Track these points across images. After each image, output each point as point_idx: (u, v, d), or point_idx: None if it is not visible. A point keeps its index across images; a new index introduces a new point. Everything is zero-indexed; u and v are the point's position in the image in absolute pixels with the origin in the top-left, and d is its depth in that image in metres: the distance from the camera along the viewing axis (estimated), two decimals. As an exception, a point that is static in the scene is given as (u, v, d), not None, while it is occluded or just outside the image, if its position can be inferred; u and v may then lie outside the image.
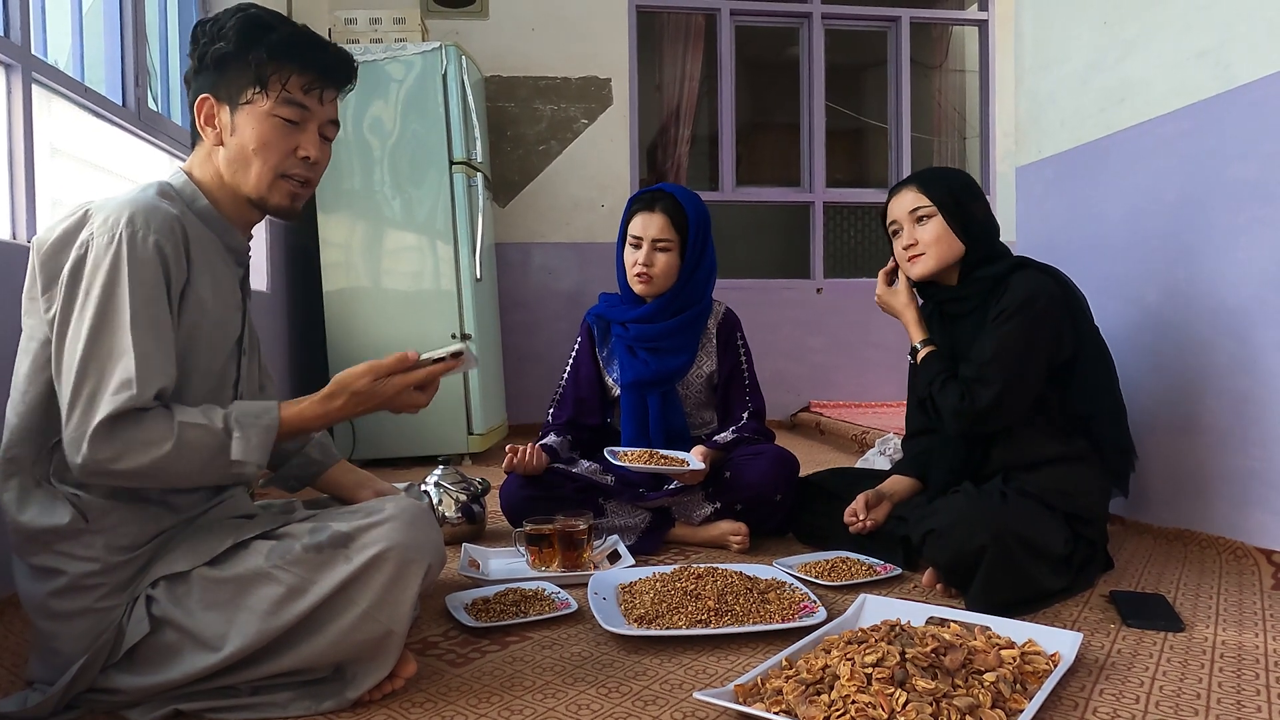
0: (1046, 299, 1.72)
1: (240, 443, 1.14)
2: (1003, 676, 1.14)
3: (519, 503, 2.04)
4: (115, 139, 2.60)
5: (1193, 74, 2.03)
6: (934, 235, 1.80)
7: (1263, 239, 1.85)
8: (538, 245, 4.58)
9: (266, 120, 1.23)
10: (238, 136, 1.24)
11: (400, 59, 3.46)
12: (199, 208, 1.26)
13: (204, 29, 1.25)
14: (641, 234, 2.12)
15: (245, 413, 1.17)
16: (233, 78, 1.23)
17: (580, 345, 2.29)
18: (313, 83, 1.25)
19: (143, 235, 1.12)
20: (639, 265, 2.12)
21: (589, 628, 1.51)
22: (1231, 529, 1.94)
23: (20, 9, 2.00)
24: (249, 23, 1.22)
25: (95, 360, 1.09)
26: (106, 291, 1.10)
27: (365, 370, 1.22)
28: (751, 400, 2.24)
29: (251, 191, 1.26)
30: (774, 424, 4.71)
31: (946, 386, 1.76)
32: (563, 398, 2.28)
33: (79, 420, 1.08)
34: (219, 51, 1.22)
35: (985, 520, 1.55)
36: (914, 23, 5.05)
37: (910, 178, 1.88)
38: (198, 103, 1.25)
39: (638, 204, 2.16)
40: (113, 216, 1.13)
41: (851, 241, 6.98)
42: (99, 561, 1.15)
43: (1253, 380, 1.89)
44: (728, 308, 2.30)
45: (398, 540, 1.15)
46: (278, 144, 1.24)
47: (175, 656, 1.14)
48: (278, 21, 1.25)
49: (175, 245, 1.16)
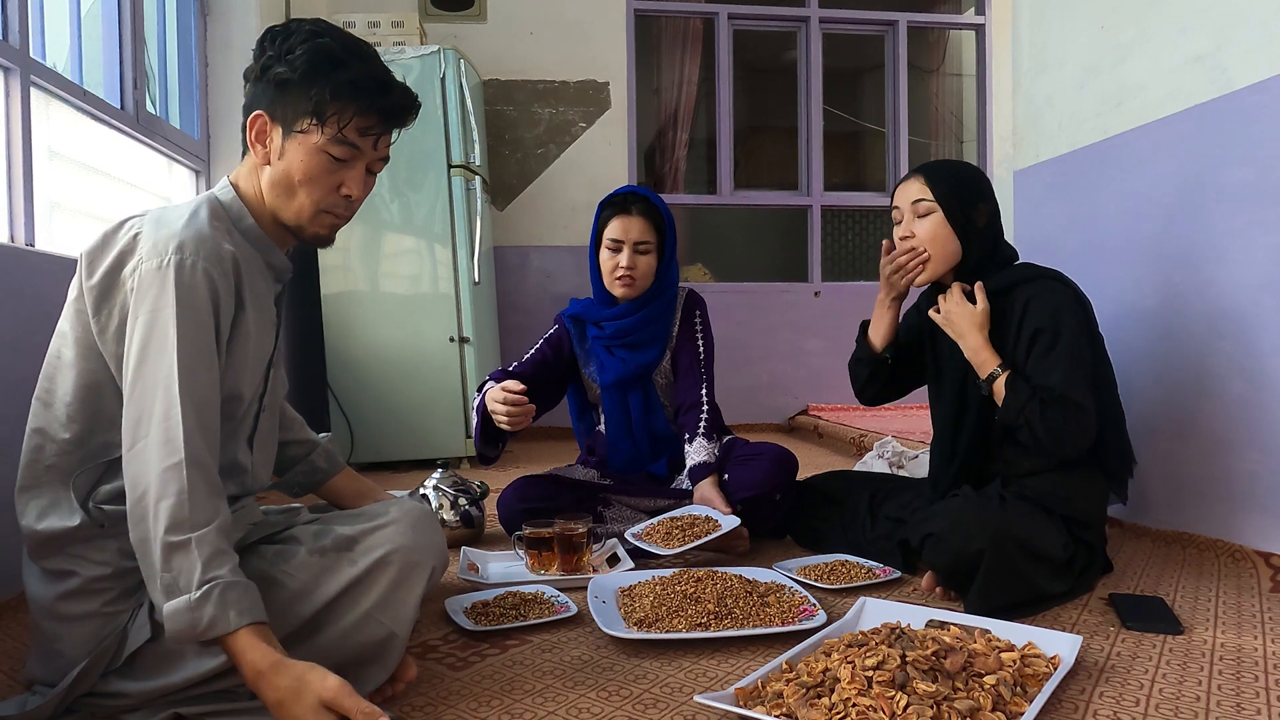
0: (1073, 304, 1.70)
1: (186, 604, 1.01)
2: (1003, 679, 1.14)
3: (517, 517, 2.03)
4: (113, 142, 2.60)
5: (1190, 78, 2.04)
6: (930, 233, 1.77)
7: (1260, 242, 1.86)
8: (536, 248, 4.58)
9: (316, 155, 1.20)
10: (285, 162, 1.21)
11: (399, 62, 3.46)
12: (245, 227, 1.24)
13: (273, 42, 1.20)
14: (622, 237, 2.10)
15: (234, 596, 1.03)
16: (291, 103, 1.19)
17: (557, 332, 2.26)
18: (371, 126, 1.22)
19: (191, 264, 1.10)
20: (621, 269, 2.10)
21: (588, 631, 1.51)
22: (1230, 532, 1.95)
23: (19, 12, 2.00)
24: (319, 55, 1.17)
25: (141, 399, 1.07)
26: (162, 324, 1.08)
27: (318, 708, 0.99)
28: (707, 394, 2.18)
29: (290, 220, 1.24)
30: (771, 427, 4.73)
31: (1048, 410, 1.62)
32: (519, 366, 2.17)
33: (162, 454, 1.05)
34: (282, 75, 1.18)
35: (983, 524, 1.55)
36: (911, 27, 5.06)
37: (921, 166, 1.83)
38: (251, 119, 1.21)
39: (612, 207, 2.13)
40: (163, 244, 1.10)
41: (849, 245, 7.00)
42: (110, 565, 1.14)
43: (1250, 383, 1.89)
44: (691, 289, 2.29)
45: (402, 543, 1.15)
46: (323, 180, 1.22)
47: (177, 660, 1.13)
48: (349, 57, 1.19)
49: (225, 276, 1.14)
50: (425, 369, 3.51)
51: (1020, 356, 1.71)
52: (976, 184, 1.80)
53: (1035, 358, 1.69)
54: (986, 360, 1.71)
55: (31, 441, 1.16)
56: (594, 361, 2.22)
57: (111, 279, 1.13)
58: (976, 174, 1.83)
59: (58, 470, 1.15)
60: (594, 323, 2.20)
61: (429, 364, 3.51)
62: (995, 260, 1.80)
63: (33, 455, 1.16)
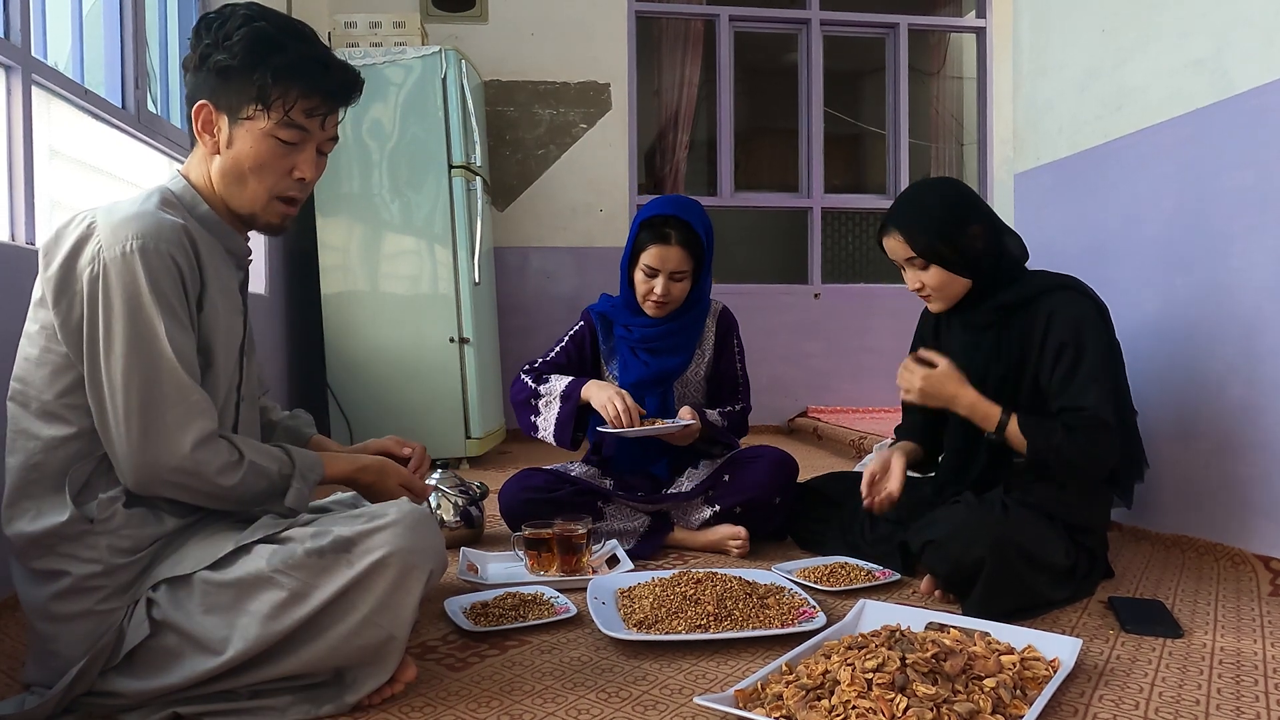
0: (1094, 315, 1.69)
1: (295, 493, 1.24)
2: (1003, 682, 1.14)
3: (518, 506, 2.04)
4: (115, 141, 2.60)
5: (1190, 81, 2.04)
6: (937, 281, 1.74)
7: (1261, 246, 1.86)
8: (536, 249, 4.58)
9: (265, 140, 1.21)
10: (234, 151, 1.22)
11: (400, 63, 3.46)
12: (200, 214, 1.25)
13: (209, 29, 1.20)
14: (659, 266, 2.06)
15: (304, 464, 1.26)
16: (234, 90, 1.19)
17: (581, 330, 2.26)
18: (317, 107, 1.22)
19: (154, 246, 1.12)
20: (655, 295, 2.09)
21: (588, 632, 1.51)
22: (1230, 535, 1.95)
23: (20, 10, 2.00)
24: (257, 39, 1.18)
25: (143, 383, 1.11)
26: (132, 310, 1.11)
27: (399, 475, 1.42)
28: (743, 400, 2.27)
29: (244, 208, 1.26)
30: (771, 429, 4.72)
31: (1075, 436, 1.60)
32: (549, 362, 2.22)
33: (141, 442, 1.11)
34: (222, 63, 1.18)
35: (984, 532, 1.54)
36: (912, 29, 5.06)
37: (893, 219, 1.74)
38: (196, 108, 1.21)
39: (650, 232, 2.07)
40: (121, 230, 1.12)
41: (849, 247, 6.99)
42: (101, 563, 1.14)
43: (1251, 387, 1.89)
44: (724, 305, 2.30)
45: (400, 545, 1.15)
46: (274, 165, 1.23)
47: (175, 660, 1.13)
48: (287, 39, 1.20)
49: (187, 255, 1.17)
50: (425, 369, 3.51)
51: (1046, 372, 1.70)
52: (957, 210, 1.72)
53: (1060, 375, 1.67)
54: (988, 412, 1.67)
55: (14, 444, 1.16)
56: (617, 360, 2.22)
57: (68, 269, 1.13)
58: (953, 197, 1.74)
59: (43, 469, 1.15)
60: (622, 325, 2.21)
61: (429, 364, 3.51)
62: (1004, 267, 1.75)
63: (17, 458, 1.16)
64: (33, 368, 1.16)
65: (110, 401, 1.11)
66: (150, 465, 1.12)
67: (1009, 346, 1.74)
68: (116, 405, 1.11)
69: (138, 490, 1.15)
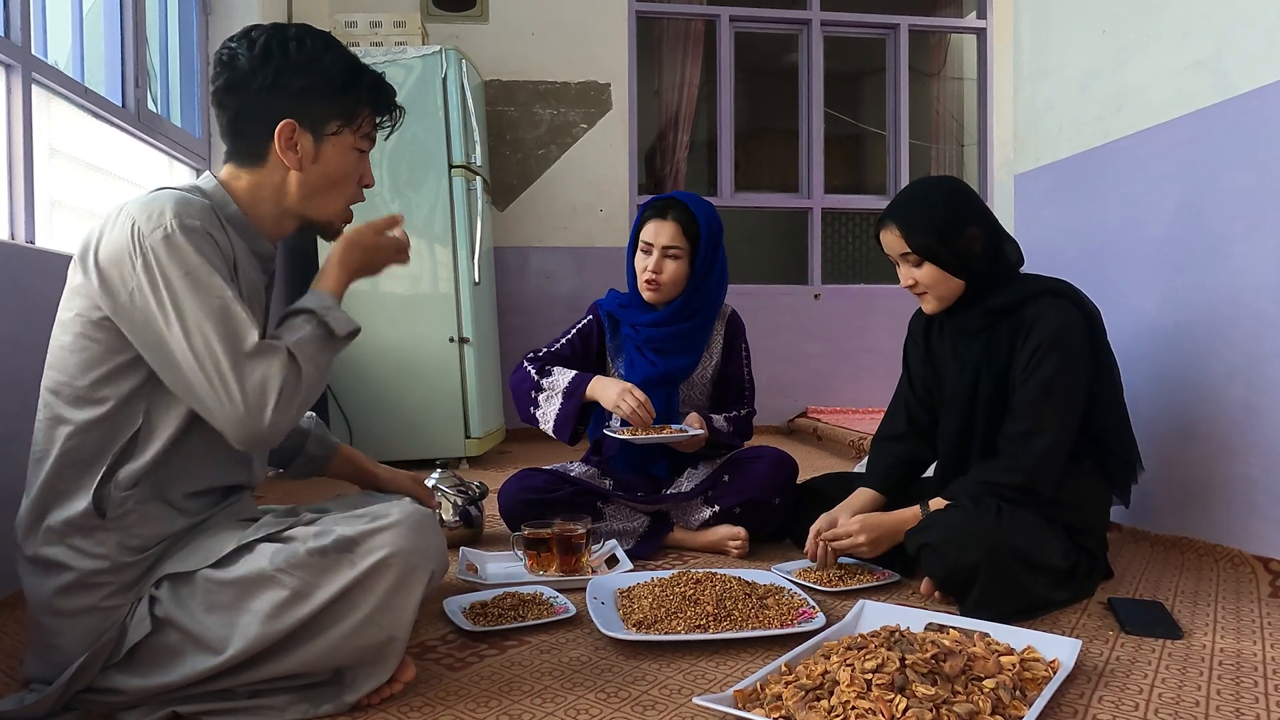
0: (1076, 331, 1.67)
1: (336, 321, 1.24)
2: (1002, 683, 1.14)
3: (517, 506, 2.04)
4: (114, 140, 2.60)
5: (1191, 82, 2.04)
6: (930, 279, 1.73)
7: (1261, 247, 1.86)
8: (536, 249, 4.58)
9: (350, 153, 1.32)
10: (321, 165, 1.29)
11: (400, 62, 3.46)
12: (229, 213, 1.26)
13: (281, 51, 1.23)
14: (653, 240, 2.12)
15: (316, 304, 1.26)
16: (319, 108, 1.26)
17: (589, 324, 2.26)
18: (383, 121, 1.37)
19: (192, 225, 1.15)
20: (648, 271, 2.12)
21: (587, 632, 1.51)
22: (1230, 537, 1.95)
23: (20, 9, 2.00)
24: (350, 68, 1.29)
25: (224, 341, 1.12)
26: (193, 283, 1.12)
27: (367, 228, 1.38)
28: (748, 404, 2.27)
29: (326, 216, 1.35)
30: (771, 429, 4.72)
31: (1005, 503, 1.62)
32: (553, 354, 2.21)
33: (244, 400, 1.12)
34: (309, 85, 1.24)
35: (979, 536, 1.53)
36: (912, 30, 5.07)
37: (892, 213, 1.74)
38: (281, 127, 1.24)
39: (650, 210, 2.16)
40: (157, 215, 1.14)
41: (850, 247, 7.00)
42: (108, 560, 1.14)
43: (1251, 388, 1.89)
44: (733, 309, 2.31)
45: (402, 546, 1.15)
46: (353, 175, 1.34)
47: (176, 658, 1.13)
48: (363, 65, 1.33)
49: (222, 234, 1.21)
50: (425, 369, 3.51)
51: (1018, 380, 1.69)
52: (957, 209, 1.71)
53: (1023, 397, 1.67)
54: (907, 520, 1.71)
55: (50, 434, 1.16)
56: (624, 357, 2.23)
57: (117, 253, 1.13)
58: (954, 196, 1.73)
59: (76, 454, 1.15)
60: (629, 324, 2.21)
61: (429, 364, 3.51)
62: (999, 272, 1.74)
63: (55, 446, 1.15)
64: (67, 354, 1.17)
65: (198, 374, 1.11)
66: (255, 420, 1.12)
67: (998, 352, 1.73)
68: (209, 374, 1.11)
69: (248, 446, 1.15)
